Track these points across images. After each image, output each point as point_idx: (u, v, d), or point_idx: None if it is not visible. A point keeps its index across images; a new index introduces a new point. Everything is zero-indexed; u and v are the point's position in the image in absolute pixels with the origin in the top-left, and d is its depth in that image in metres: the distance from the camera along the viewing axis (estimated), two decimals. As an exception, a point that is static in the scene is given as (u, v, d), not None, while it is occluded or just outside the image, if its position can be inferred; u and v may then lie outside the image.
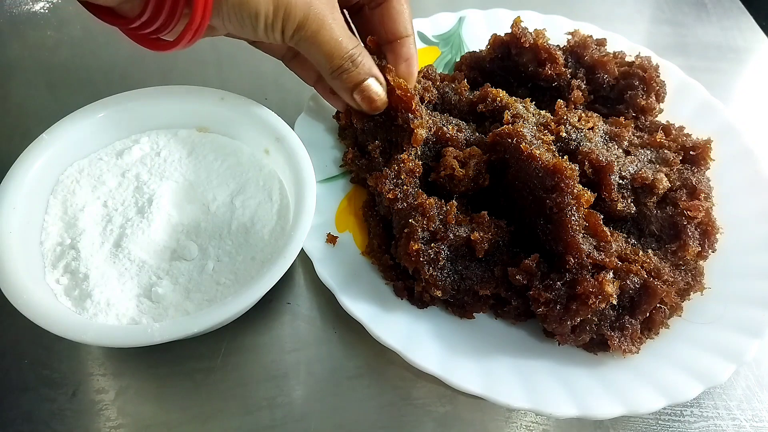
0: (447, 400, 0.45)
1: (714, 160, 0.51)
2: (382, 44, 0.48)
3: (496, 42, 0.57)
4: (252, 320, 0.48)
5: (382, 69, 0.47)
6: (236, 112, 0.49)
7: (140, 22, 0.36)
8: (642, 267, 0.43)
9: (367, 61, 0.43)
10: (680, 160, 0.50)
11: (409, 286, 0.46)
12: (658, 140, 0.51)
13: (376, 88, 0.45)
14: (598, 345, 0.43)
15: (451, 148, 0.49)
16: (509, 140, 0.45)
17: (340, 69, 0.42)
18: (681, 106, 0.60)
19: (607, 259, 0.42)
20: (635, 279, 0.42)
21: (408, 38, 0.46)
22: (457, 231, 0.43)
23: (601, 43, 0.59)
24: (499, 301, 0.45)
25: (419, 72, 0.57)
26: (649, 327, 0.43)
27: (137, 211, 0.45)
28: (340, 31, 0.40)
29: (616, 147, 0.50)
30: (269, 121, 0.48)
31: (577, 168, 0.44)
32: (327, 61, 0.41)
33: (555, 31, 0.60)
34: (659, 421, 0.44)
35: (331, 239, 0.48)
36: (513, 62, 0.57)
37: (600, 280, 0.40)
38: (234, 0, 0.35)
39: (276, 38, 0.39)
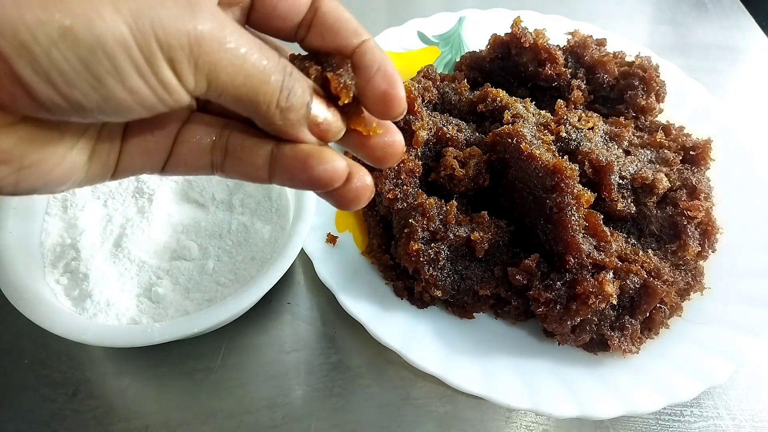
0: (447, 400, 0.45)
1: (714, 160, 0.51)
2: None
3: (496, 42, 0.57)
4: (252, 320, 0.48)
5: (334, 77, 0.25)
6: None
7: None
8: (642, 267, 0.43)
9: (296, 71, 0.24)
10: (680, 160, 0.50)
11: (409, 286, 0.46)
12: (658, 140, 0.51)
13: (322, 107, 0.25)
14: (598, 345, 0.43)
15: (451, 148, 0.49)
16: (509, 140, 0.45)
17: (284, 90, 0.23)
18: (681, 106, 0.60)
19: (607, 259, 0.42)
20: (635, 279, 0.42)
21: (366, 42, 0.26)
22: (457, 231, 0.44)
23: (601, 43, 0.59)
24: (499, 301, 0.45)
25: (419, 72, 0.57)
26: (649, 327, 0.43)
27: (137, 211, 0.45)
28: (245, 38, 0.22)
29: (616, 147, 0.50)
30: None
31: (577, 168, 0.44)
32: (262, 86, 0.22)
33: (555, 31, 0.60)
34: (659, 421, 0.44)
35: (331, 239, 0.48)
36: (513, 62, 0.57)
37: (600, 280, 0.40)
38: (49, 34, 0.17)
39: (169, 90, 0.20)
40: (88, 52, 0.18)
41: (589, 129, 0.50)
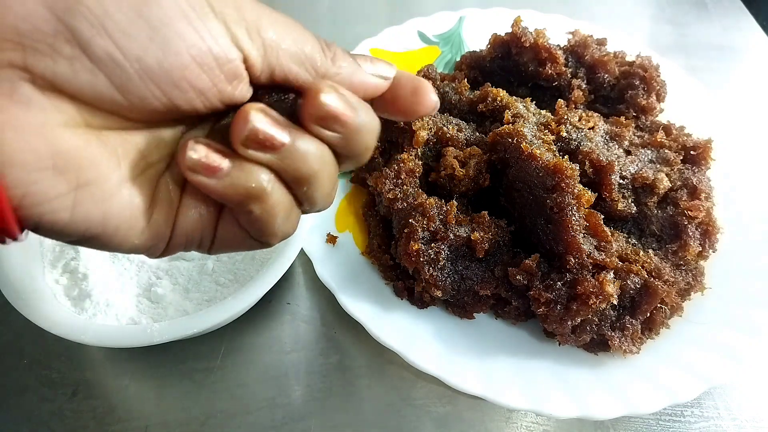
0: (447, 401, 0.44)
1: (714, 160, 0.51)
2: None
3: (496, 41, 0.57)
4: (252, 320, 0.47)
5: None
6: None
7: None
8: (642, 267, 0.43)
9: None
10: (681, 160, 0.50)
11: (409, 286, 0.46)
12: (659, 140, 0.51)
13: None
14: (598, 345, 0.43)
15: (451, 148, 0.48)
16: (510, 140, 0.45)
17: (322, 42, 0.24)
18: (682, 106, 0.60)
19: (608, 259, 0.42)
20: (636, 279, 0.42)
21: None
22: (458, 231, 0.43)
23: (601, 42, 0.59)
24: (499, 301, 0.45)
25: (419, 72, 0.57)
26: (650, 327, 0.43)
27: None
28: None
29: (617, 147, 0.49)
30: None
31: (578, 168, 0.43)
32: (309, 39, 0.23)
33: (555, 31, 0.60)
34: (660, 422, 0.44)
35: (331, 239, 0.48)
36: (513, 62, 0.56)
37: (600, 280, 0.40)
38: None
39: (222, 44, 0.20)
40: (139, 1, 0.18)
41: (589, 129, 0.50)
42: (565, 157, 0.44)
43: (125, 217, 0.21)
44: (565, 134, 0.48)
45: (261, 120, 0.21)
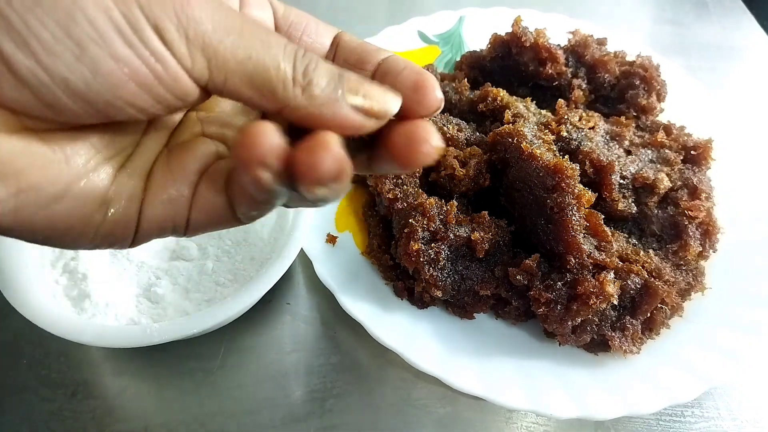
0: (447, 401, 0.44)
1: (715, 160, 0.51)
2: None
3: (496, 41, 0.57)
4: (252, 320, 0.47)
5: None
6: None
7: None
8: (643, 267, 0.43)
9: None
10: (681, 160, 0.50)
11: (409, 286, 0.46)
12: (659, 140, 0.51)
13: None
14: (598, 345, 0.43)
15: (451, 148, 0.48)
16: (510, 140, 0.45)
17: (299, 62, 0.20)
18: (682, 106, 0.60)
19: (608, 259, 0.42)
20: (636, 279, 0.42)
21: (390, 56, 0.23)
22: (458, 231, 0.43)
23: (601, 42, 0.59)
24: (499, 301, 0.45)
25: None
26: (650, 327, 0.43)
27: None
28: (234, 11, 0.20)
29: (617, 147, 0.49)
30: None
31: (578, 168, 0.43)
32: (271, 58, 0.19)
33: (556, 30, 0.60)
34: (660, 422, 0.44)
35: (331, 239, 0.48)
36: (513, 61, 0.56)
37: (601, 280, 0.40)
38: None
39: (164, 63, 0.18)
40: (66, 16, 0.17)
41: (589, 128, 0.50)
42: (566, 157, 0.44)
43: (76, 217, 0.20)
44: (565, 134, 0.48)
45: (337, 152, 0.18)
